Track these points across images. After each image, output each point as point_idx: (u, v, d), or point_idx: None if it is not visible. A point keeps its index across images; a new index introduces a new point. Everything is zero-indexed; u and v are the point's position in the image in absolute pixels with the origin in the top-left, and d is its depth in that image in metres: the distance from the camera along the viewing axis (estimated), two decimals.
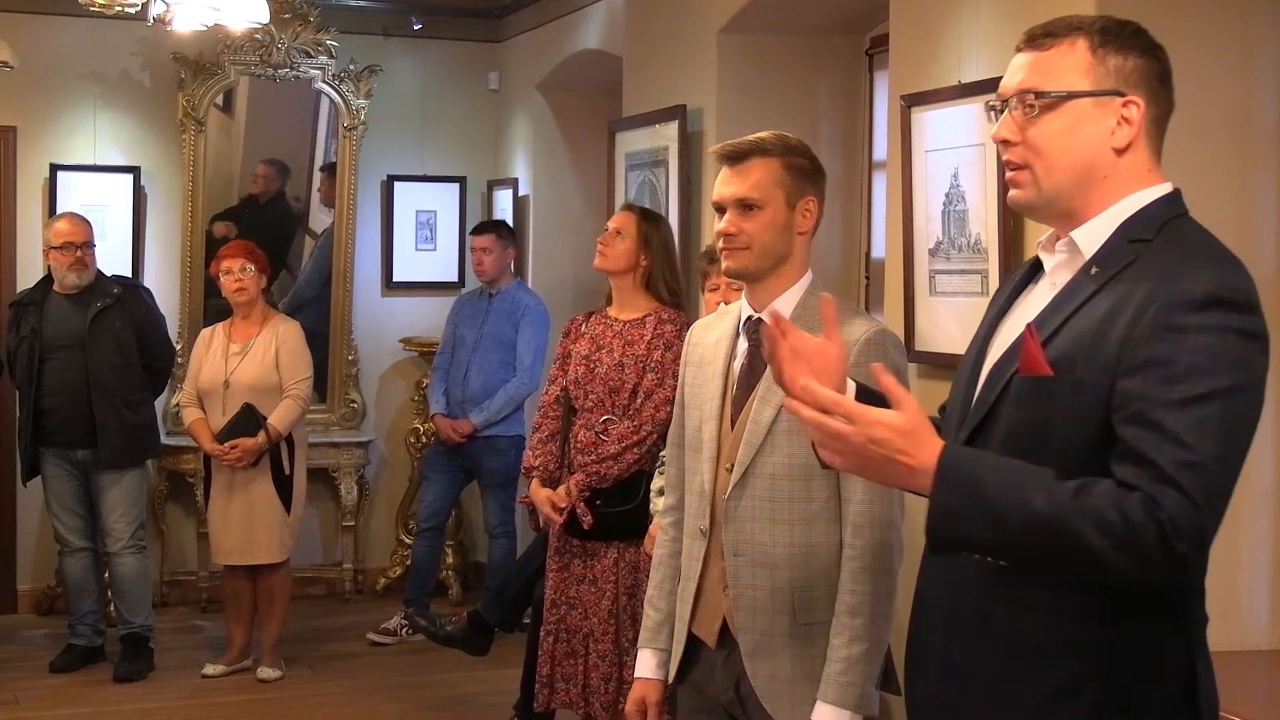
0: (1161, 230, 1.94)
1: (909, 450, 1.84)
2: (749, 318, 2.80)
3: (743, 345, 2.80)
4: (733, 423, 2.77)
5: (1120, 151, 1.98)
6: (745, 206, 2.73)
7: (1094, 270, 1.95)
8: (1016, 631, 1.92)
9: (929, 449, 1.85)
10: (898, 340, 2.82)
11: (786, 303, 2.76)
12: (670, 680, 2.89)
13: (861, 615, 2.66)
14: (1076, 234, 2.00)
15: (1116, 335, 1.86)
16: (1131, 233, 1.95)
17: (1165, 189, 2.01)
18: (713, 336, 2.87)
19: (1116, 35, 2.00)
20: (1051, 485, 1.81)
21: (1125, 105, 1.98)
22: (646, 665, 2.94)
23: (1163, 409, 1.79)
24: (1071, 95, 1.99)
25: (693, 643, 2.83)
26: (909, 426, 1.85)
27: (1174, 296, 1.83)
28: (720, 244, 2.78)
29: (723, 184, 2.76)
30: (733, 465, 2.73)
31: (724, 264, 2.78)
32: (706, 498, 2.78)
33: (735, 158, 2.76)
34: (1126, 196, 1.99)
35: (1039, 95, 2.00)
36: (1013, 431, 1.95)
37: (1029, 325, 1.97)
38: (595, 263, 4.46)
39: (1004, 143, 2.04)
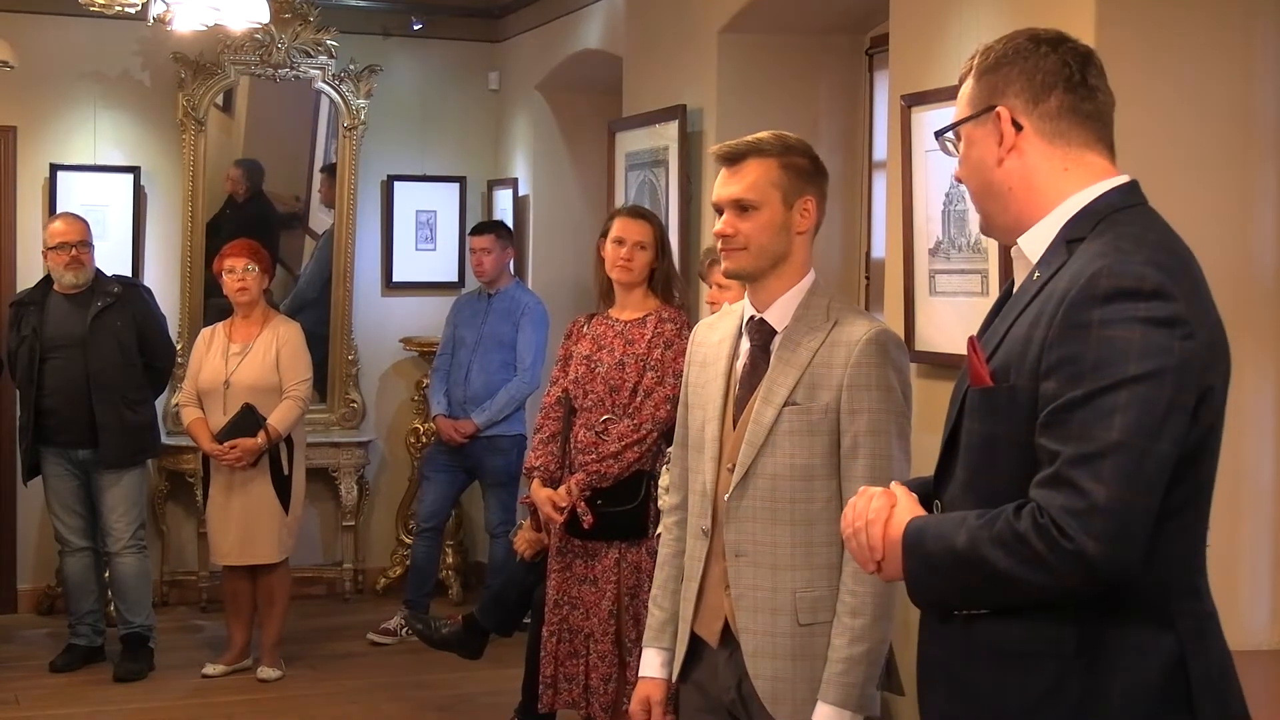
0: (1097, 226, 1.93)
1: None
2: (751, 317, 2.80)
3: (745, 345, 2.80)
4: (735, 422, 2.77)
5: (1002, 161, 1.99)
6: (741, 207, 2.73)
7: (1036, 275, 1.96)
8: (1001, 639, 1.94)
9: (900, 525, 1.98)
10: (899, 340, 2.82)
11: (788, 303, 2.76)
12: (674, 679, 2.89)
13: (863, 616, 2.66)
14: (1022, 240, 2.02)
15: (1038, 338, 1.87)
16: (1071, 232, 1.95)
17: (1112, 183, 1.99)
18: (716, 336, 2.87)
19: (993, 54, 2.02)
20: (970, 524, 1.88)
21: (996, 116, 2.00)
22: (651, 664, 2.94)
23: (1068, 407, 1.81)
24: (957, 125, 2.05)
25: (695, 642, 2.83)
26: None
27: (1080, 293, 1.83)
28: (719, 245, 2.79)
29: (721, 185, 2.77)
30: (734, 465, 2.73)
31: (723, 265, 2.79)
32: (708, 497, 2.78)
33: (732, 159, 2.76)
34: (1070, 197, 1.98)
35: (940, 134, 2.09)
36: (970, 444, 1.99)
37: (970, 338, 2.00)
38: (617, 276, 4.41)
39: (959, 181, 2.11)
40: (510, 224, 7.13)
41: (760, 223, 2.72)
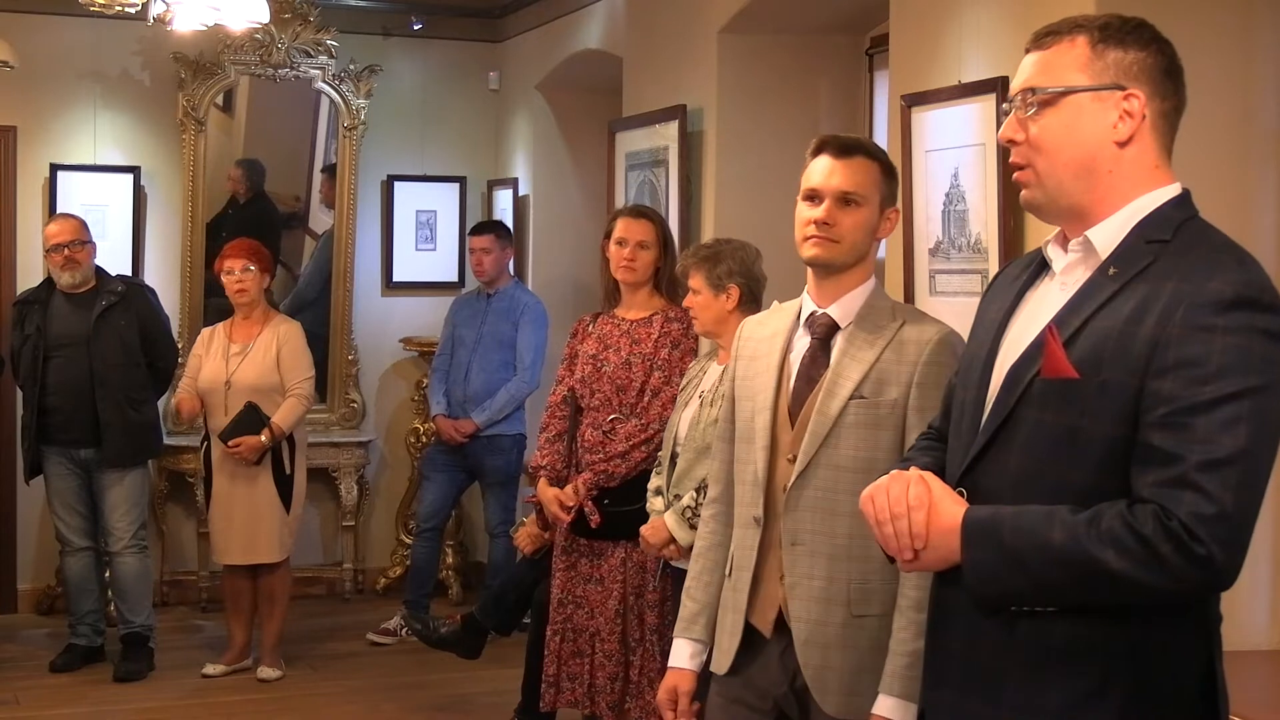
0: (1178, 231, 1.95)
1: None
2: (812, 313, 2.83)
3: (803, 339, 2.82)
4: (792, 414, 2.79)
5: (1123, 145, 1.98)
6: (846, 200, 2.76)
7: (1112, 270, 1.95)
8: (1042, 637, 1.93)
9: (951, 514, 1.93)
10: (964, 342, 2.86)
11: (852, 301, 2.80)
12: (725, 671, 2.84)
13: (925, 610, 2.68)
14: (1092, 233, 2.00)
15: (1144, 336, 1.86)
16: (1148, 233, 1.95)
17: (1175, 189, 2.01)
18: (767, 331, 2.90)
19: (1118, 30, 2.01)
20: (1066, 519, 1.85)
21: (1126, 98, 1.98)
22: (680, 655, 2.95)
23: (1192, 409, 1.80)
24: (1069, 91, 2.00)
25: (748, 633, 2.82)
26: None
27: (1202, 297, 1.84)
28: (809, 231, 2.77)
29: (826, 174, 2.77)
30: (795, 456, 2.75)
31: (808, 252, 2.79)
32: (760, 487, 2.80)
33: (844, 150, 2.79)
34: (1140, 196, 1.99)
35: (1036, 93, 2.01)
36: (1036, 435, 1.95)
37: (1050, 326, 1.96)
38: (621, 276, 4.42)
39: (1009, 142, 2.06)
40: (510, 224, 7.14)
41: (858, 220, 2.77)
